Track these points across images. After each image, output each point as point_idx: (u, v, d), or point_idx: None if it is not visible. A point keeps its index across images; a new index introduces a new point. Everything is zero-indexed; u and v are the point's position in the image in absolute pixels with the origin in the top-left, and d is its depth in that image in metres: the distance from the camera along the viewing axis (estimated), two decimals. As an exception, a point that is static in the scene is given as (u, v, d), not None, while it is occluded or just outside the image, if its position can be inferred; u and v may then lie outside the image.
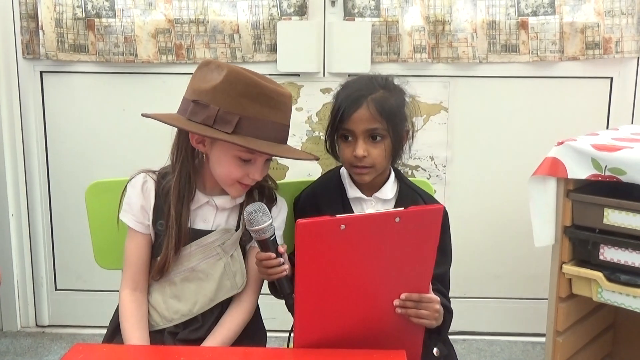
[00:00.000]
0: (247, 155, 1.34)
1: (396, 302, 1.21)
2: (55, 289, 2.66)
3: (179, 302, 1.42)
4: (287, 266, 1.32)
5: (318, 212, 1.40)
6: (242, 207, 1.42)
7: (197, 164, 1.43)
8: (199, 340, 1.41)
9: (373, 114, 1.38)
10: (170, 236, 1.38)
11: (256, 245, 1.35)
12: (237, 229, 1.43)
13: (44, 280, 2.65)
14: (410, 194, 1.51)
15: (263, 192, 1.47)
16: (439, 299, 1.28)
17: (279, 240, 1.39)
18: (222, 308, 1.45)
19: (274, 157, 1.42)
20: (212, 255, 1.42)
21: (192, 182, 1.40)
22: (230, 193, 1.41)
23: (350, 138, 1.41)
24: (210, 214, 1.43)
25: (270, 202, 1.46)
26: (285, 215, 1.49)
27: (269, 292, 1.88)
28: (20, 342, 2.56)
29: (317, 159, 1.46)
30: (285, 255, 1.34)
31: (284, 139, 1.38)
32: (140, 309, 1.42)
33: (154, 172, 1.45)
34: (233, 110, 1.29)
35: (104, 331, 1.51)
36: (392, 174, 1.51)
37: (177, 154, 1.40)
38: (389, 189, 1.49)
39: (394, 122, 1.41)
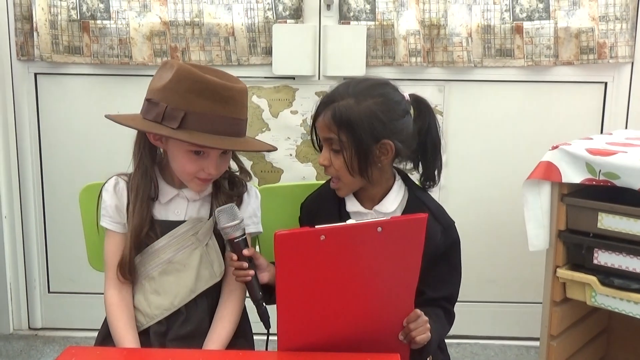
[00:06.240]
0: (197, 148, 1.36)
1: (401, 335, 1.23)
2: (48, 292, 2.65)
3: (159, 296, 1.43)
4: (251, 272, 1.32)
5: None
6: (213, 197, 1.46)
7: (163, 160, 1.46)
8: (190, 336, 1.42)
9: (327, 123, 1.35)
10: (131, 230, 1.41)
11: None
12: (209, 218, 1.45)
13: (37, 283, 2.64)
14: (418, 207, 1.39)
15: (233, 181, 1.49)
16: (426, 318, 1.26)
17: (257, 228, 1.47)
18: (207, 300, 1.45)
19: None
20: (188, 246, 1.43)
21: (152, 178, 1.43)
22: (192, 188, 1.43)
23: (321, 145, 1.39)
24: (182, 206, 1.46)
25: (240, 191, 1.48)
26: (258, 204, 1.51)
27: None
28: (12, 345, 2.55)
29: (275, 149, 1.48)
30: (257, 258, 1.34)
31: (237, 133, 1.38)
32: (128, 308, 1.43)
33: (126, 174, 1.48)
34: (179, 106, 1.32)
35: (97, 334, 1.50)
36: (396, 185, 1.42)
37: (137, 152, 1.44)
38: (391, 201, 1.41)
39: (355, 133, 1.32)
